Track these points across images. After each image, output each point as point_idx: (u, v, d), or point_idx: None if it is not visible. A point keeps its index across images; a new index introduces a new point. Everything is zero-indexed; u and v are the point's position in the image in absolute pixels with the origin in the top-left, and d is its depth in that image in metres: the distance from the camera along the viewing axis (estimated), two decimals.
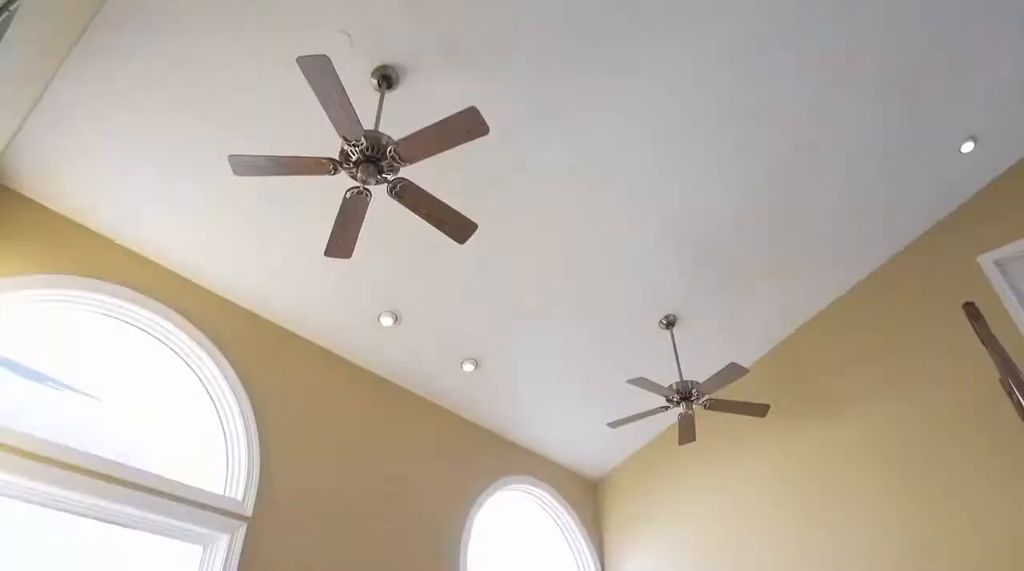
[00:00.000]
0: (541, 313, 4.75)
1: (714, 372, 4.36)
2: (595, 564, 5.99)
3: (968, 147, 4.54)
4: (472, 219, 3.17)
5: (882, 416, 4.83)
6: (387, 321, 4.51)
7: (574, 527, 6.03)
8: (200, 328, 4.01)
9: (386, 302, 4.44)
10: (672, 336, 4.95)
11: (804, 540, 4.89)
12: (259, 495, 3.83)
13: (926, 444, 4.56)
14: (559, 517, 6.02)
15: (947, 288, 4.83)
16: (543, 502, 5.97)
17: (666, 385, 4.37)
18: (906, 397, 4.77)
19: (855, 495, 4.75)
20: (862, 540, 4.60)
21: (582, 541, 6.02)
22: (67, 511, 3.22)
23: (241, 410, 4.00)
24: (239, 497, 3.76)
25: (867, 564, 4.53)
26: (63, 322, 3.62)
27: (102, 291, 3.68)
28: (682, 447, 5.92)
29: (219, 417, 3.99)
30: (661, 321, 4.95)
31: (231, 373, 4.05)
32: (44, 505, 3.16)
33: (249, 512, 3.74)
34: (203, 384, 4.01)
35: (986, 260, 4.74)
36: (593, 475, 6.47)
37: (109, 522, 3.35)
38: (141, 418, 3.70)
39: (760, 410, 4.47)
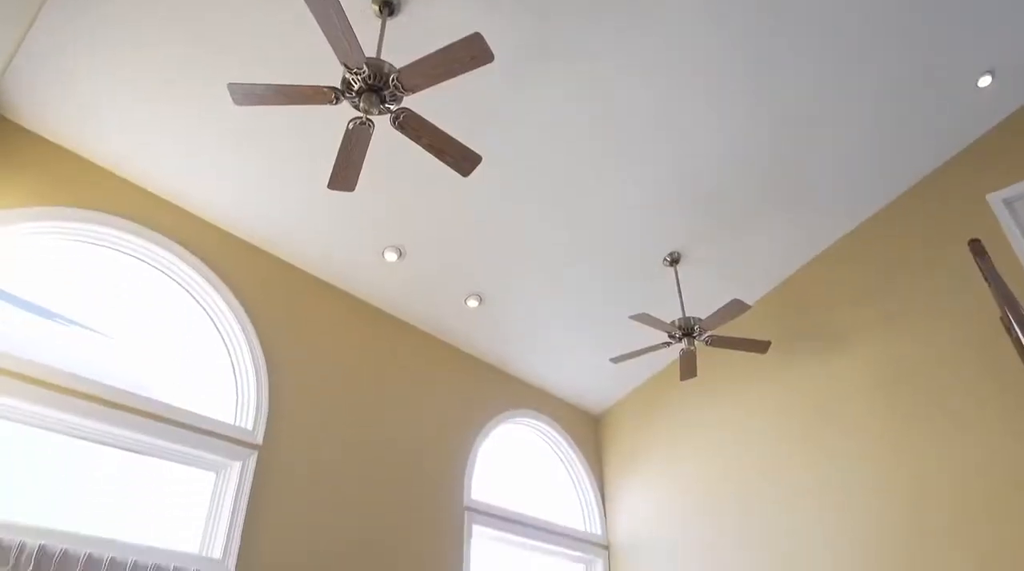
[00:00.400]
0: (545, 249, 4.75)
1: (716, 309, 4.38)
2: (596, 496, 6.17)
3: (985, 82, 4.42)
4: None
5: (883, 353, 4.88)
6: (391, 256, 4.52)
7: (576, 460, 6.19)
8: (205, 261, 4.02)
9: (390, 237, 4.44)
10: (676, 273, 4.95)
11: (804, 476, 5.01)
12: (268, 425, 3.92)
13: (927, 381, 4.62)
14: (561, 450, 6.17)
15: (954, 226, 4.79)
16: (546, 435, 6.11)
17: (669, 321, 4.40)
18: (907, 334, 4.80)
19: (855, 432, 4.84)
20: (862, 476, 4.71)
21: (583, 473, 6.19)
22: (83, 438, 3.32)
23: (248, 343, 4.05)
24: (249, 427, 3.86)
25: (867, 499, 4.66)
26: (68, 258, 3.63)
27: (104, 223, 3.68)
28: (683, 383, 6.01)
29: (227, 350, 4.05)
30: (665, 258, 4.95)
31: (238, 307, 4.09)
32: (60, 432, 3.25)
33: (259, 441, 3.84)
34: (210, 318, 4.05)
35: (995, 198, 4.68)
36: (595, 410, 6.60)
37: (125, 449, 3.45)
38: (150, 353, 3.75)
39: (761, 347, 4.51)
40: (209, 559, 3.45)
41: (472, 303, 5.01)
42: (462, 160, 3.10)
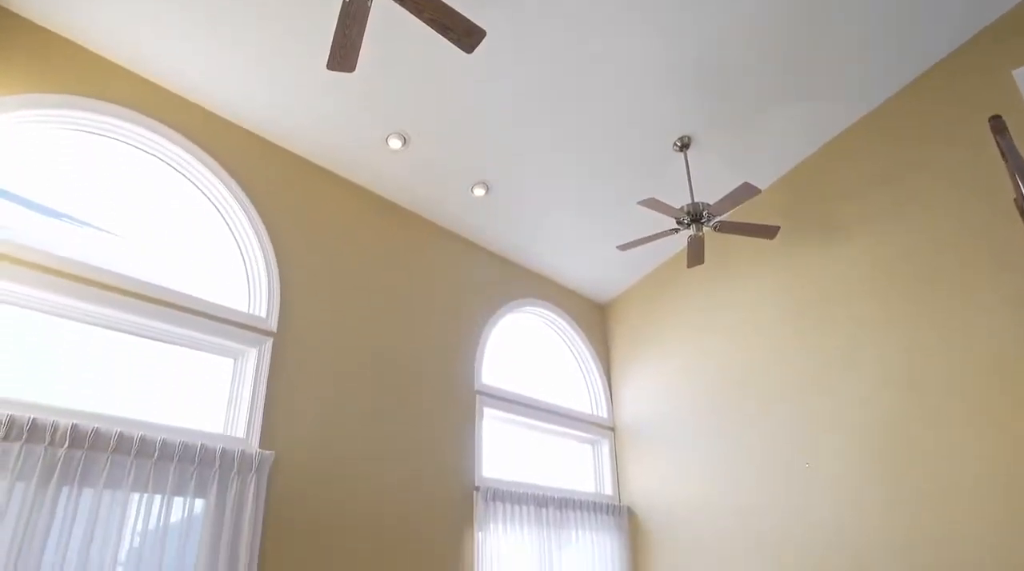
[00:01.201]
0: (553, 135, 4.64)
1: (726, 194, 4.32)
2: (602, 381, 6.37)
3: None
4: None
5: (890, 239, 4.85)
6: (395, 144, 4.43)
7: (583, 347, 6.34)
8: (208, 151, 3.96)
9: (393, 124, 4.33)
10: (686, 158, 4.86)
11: (808, 361, 5.13)
12: (281, 313, 4.00)
13: (932, 267, 4.62)
14: (568, 338, 6.31)
15: (975, 106, 4.62)
16: (553, 324, 6.23)
17: (677, 207, 4.36)
18: (917, 221, 4.75)
19: (861, 319, 4.90)
20: (865, 362, 4.81)
21: (590, 360, 6.35)
22: (102, 326, 3.40)
23: (256, 233, 4.06)
24: (263, 314, 3.94)
25: (872, 387, 4.78)
26: (69, 152, 3.57)
27: (103, 112, 3.59)
28: (690, 271, 6.05)
29: (235, 240, 4.06)
30: (675, 143, 4.84)
31: (243, 197, 4.06)
32: (80, 321, 3.33)
33: (273, 328, 3.93)
34: (216, 208, 4.04)
35: (1021, 74, 4.48)
36: (602, 299, 6.69)
37: (144, 336, 3.54)
38: (158, 249, 3.76)
39: (770, 232, 4.49)
40: (233, 438, 3.62)
41: (479, 192, 4.96)
42: (465, 35, 2.97)
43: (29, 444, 2.85)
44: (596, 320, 6.60)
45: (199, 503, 3.34)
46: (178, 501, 3.26)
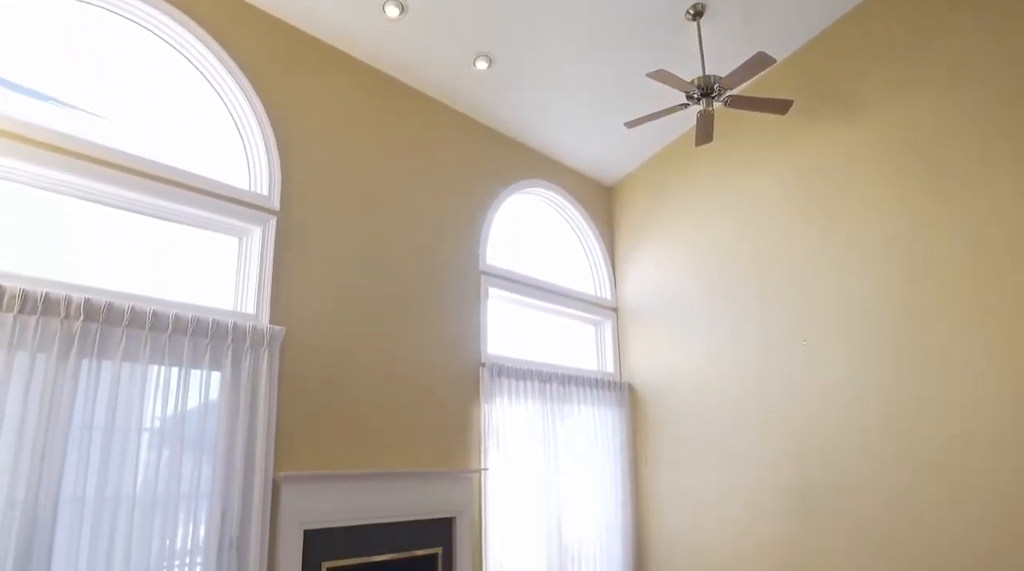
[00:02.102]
0: (558, 2, 4.38)
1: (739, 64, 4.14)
2: (606, 262, 6.41)
3: None
4: None
5: (908, 122, 4.69)
6: (392, 11, 4.20)
7: (587, 229, 6.33)
8: (199, 22, 3.77)
9: None
10: (698, 28, 4.62)
11: (814, 245, 5.11)
12: (283, 191, 3.97)
13: (950, 154, 4.49)
14: (573, 219, 6.29)
15: None
16: (558, 205, 6.18)
17: (688, 80, 4.20)
18: (936, 102, 4.57)
19: (870, 202, 4.82)
20: (873, 249, 4.78)
21: (594, 241, 6.36)
22: (106, 204, 3.38)
23: (253, 109, 3.95)
24: (264, 192, 3.91)
25: (878, 270, 4.79)
26: (50, 26, 3.40)
27: None
28: (697, 152, 5.92)
29: (231, 116, 3.96)
30: (688, 11, 4.58)
31: (237, 71, 3.92)
32: (81, 198, 3.31)
33: (276, 206, 3.91)
34: (209, 82, 3.90)
35: None
36: (608, 180, 6.60)
37: (147, 214, 3.53)
38: (154, 130, 3.67)
39: (782, 106, 4.35)
40: (243, 314, 3.70)
41: (481, 65, 4.77)
42: None
43: (45, 317, 2.92)
44: (602, 202, 6.55)
45: (215, 376, 3.46)
46: (195, 373, 3.38)
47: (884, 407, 4.58)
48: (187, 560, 3.21)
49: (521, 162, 5.74)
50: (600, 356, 6.25)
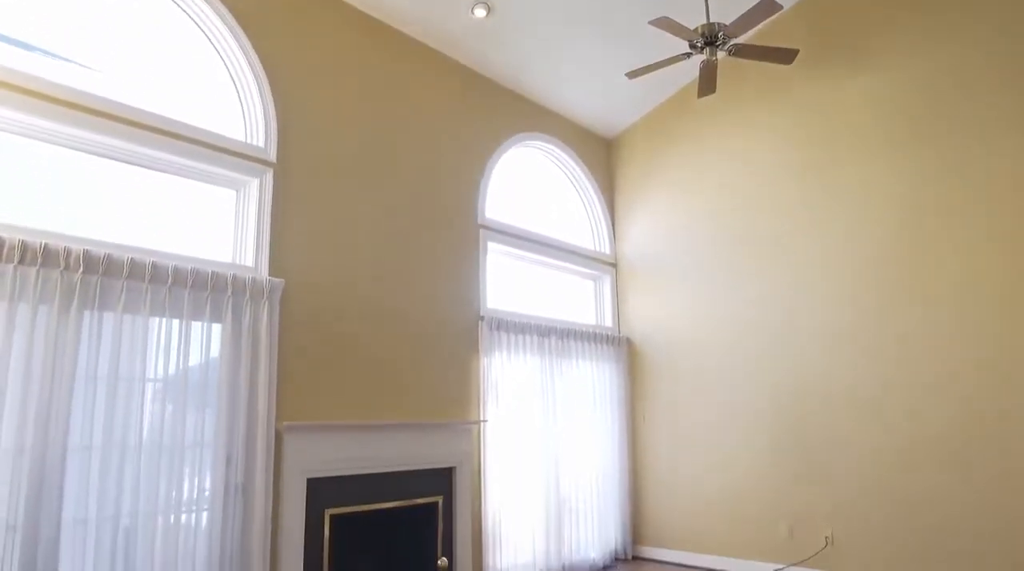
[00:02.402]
0: None
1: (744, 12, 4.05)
2: (606, 217, 6.38)
3: None
4: None
5: (915, 75, 4.63)
6: None
7: (587, 183, 6.28)
8: None
9: None
10: None
11: (816, 200, 5.10)
12: (279, 143, 3.93)
13: (957, 108, 4.45)
14: (573, 173, 6.24)
15: None
16: (558, 159, 6.13)
17: (691, 28, 4.11)
18: (944, 56, 4.51)
19: (873, 157, 4.81)
20: (876, 204, 4.79)
21: (594, 196, 6.33)
22: (102, 155, 3.35)
23: (248, 59, 3.88)
24: (260, 144, 3.87)
25: (879, 227, 4.78)
26: None
27: None
28: (699, 104, 5.84)
29: (226, 67, 3.89)
30: None
31: (232, 21, 3.83)
32: (75, 148, 3.28)
33: (272, 158, 3.88)
34: (205, 34, 3.82)
35: None
36: (608, 134, 6.52)
37: (142, 166, 3.50)
38: (147, 81, 3.60)
39: (787, 56, 4.26)
40: (242, 266, 3.71)
41: (479, 12, 4.66)
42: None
43: (45, 269, 2.92)
44: (602, 156, 6.49)
45: (216, 328, 3.49)
46: (196, 326, 3.40)
47: (873, 352, 4.64)
48: (195, 506, 3.29)
49: (521, 114, 5.67)
50: (599, 311, 6.29)
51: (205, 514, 3.31)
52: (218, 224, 3.78)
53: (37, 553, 2.77)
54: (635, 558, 5.77)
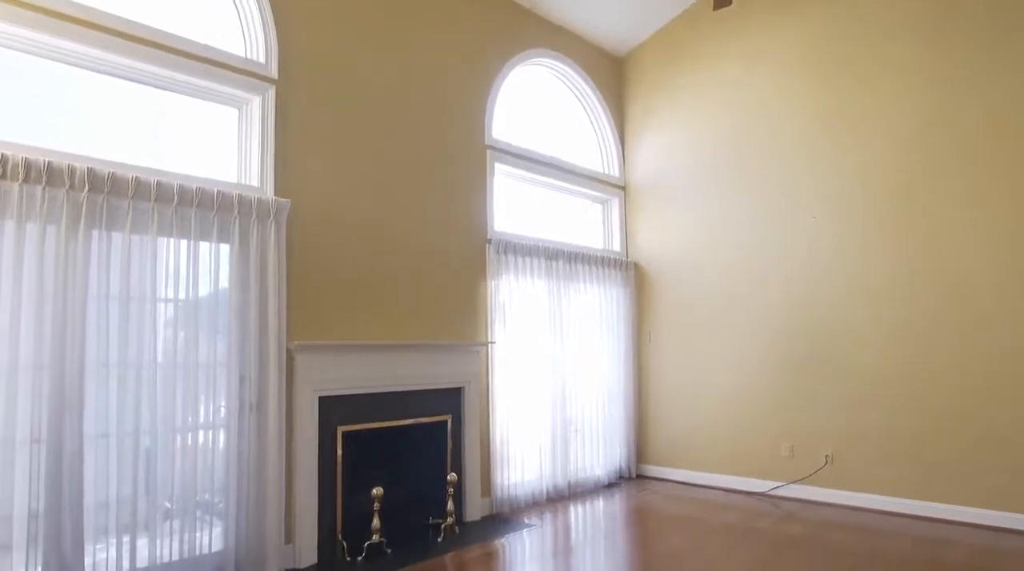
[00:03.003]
0: None
1: None
2: (615, 138, 6.26)
3: None
4: None
5: None
6: None
7: (597, 103, 6.13)
8: None
9: None
10: None
11: (830, 116, 4.97)
12: (280, 60, 3.82)
13: (976, 16, 4.26)
14: (582, 93, 6.07)
15: None
16: (567, 78, 5.95)
17: None
18: None
19: (889, 68, 4.66)
20: (893, 119, 4.66)
21: (604, 117, 6.18)
22: (99, 71, 3.27)
23: None
24: (261, 60, 3.76)
25: (894, 142, 4.67)
26: None
27: None
28: (713, 19, 5.62)
29: None
30: None
31: None
32: (74, 65, 3.20)
33: (274, 74, 3.78)
34: None
35: None
36: (619, 51, 6.31)
37: (141, 83, 3.43)
38: None
39: None
40: (248, 186, 3.68)
41: None
42: None
43: (51, 188, 2.90)
44: (612, 75, 6.30)
45: (224, 249, 3.49)
46: (204, 246, 3.40)
47: (876, 276, 4.63)
48: (211, 423, 3.39)
49: (529, 30, 5.47)
50: (607, 235, 6.26)
51: (222, 431, 3.40)
52: (222, 144, 3.72)
53: (62, 465, 2.87)
54: (639, 476, 5.95)
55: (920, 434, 4.46)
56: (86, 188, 2.98)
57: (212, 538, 3.35)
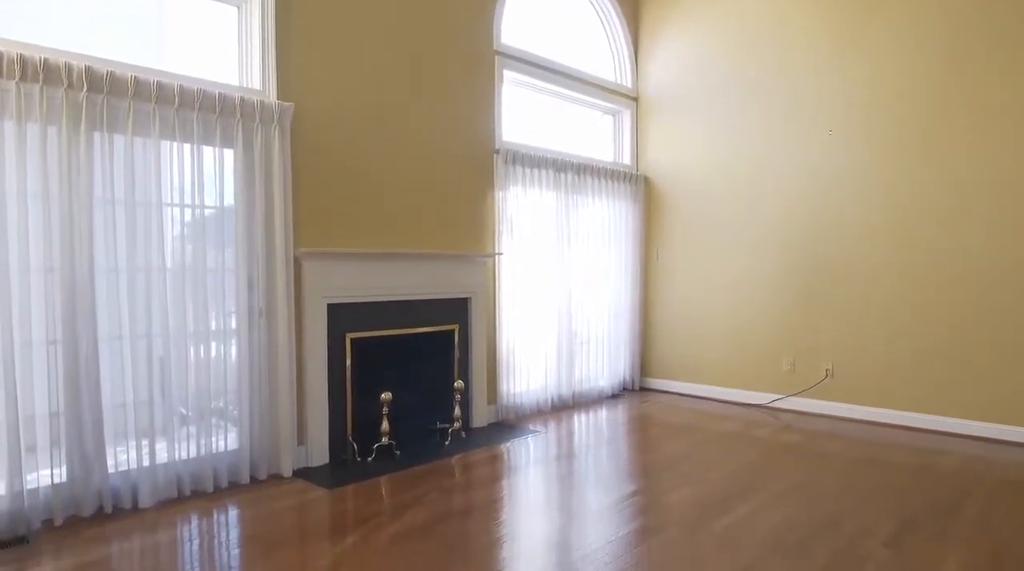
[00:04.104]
0: None
1: None
2: (629, 50, 6.02)
3: None
4: None
5: None
6: None
7: (611, 10, 5.86)
8: None
9: None
10: None
11: (847, 42, 4.75)
12: None
13: None
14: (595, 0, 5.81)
15: None
16: None
17: None
18: None
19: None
20: (909, 43, 4.45)
21: (618, 25, 5.93)
22: None
23: None
24: None
25: (911, 56, 4.48)
26: None
27: None
28: None
29: None
30: None
31: None
32: None
33: None
34: None
35: None
36: None
37: None
38: None
39: None
40: (250, 89, 3.58)
41: None
42: None
43: (49, 87, 2.83)
44: None
45: (228, 154, 3.44)
46: (208, 151, 3.35)
47: (884, 191, 4.56)
48: (223, 327, 3.44)
49: None
50: (617, 147, 6.13)
51: (233, 336, 3.46)
52: (222, 45, 3.60)
53: (79, 365, 2.94)
54: (642, 389, 6.08)
55: (921, 348, 4.50)
56: (84, 88, 2.90)
57: (227, 441, 3.47)
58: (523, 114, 5.26)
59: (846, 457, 3.88)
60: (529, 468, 3.71)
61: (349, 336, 3.93)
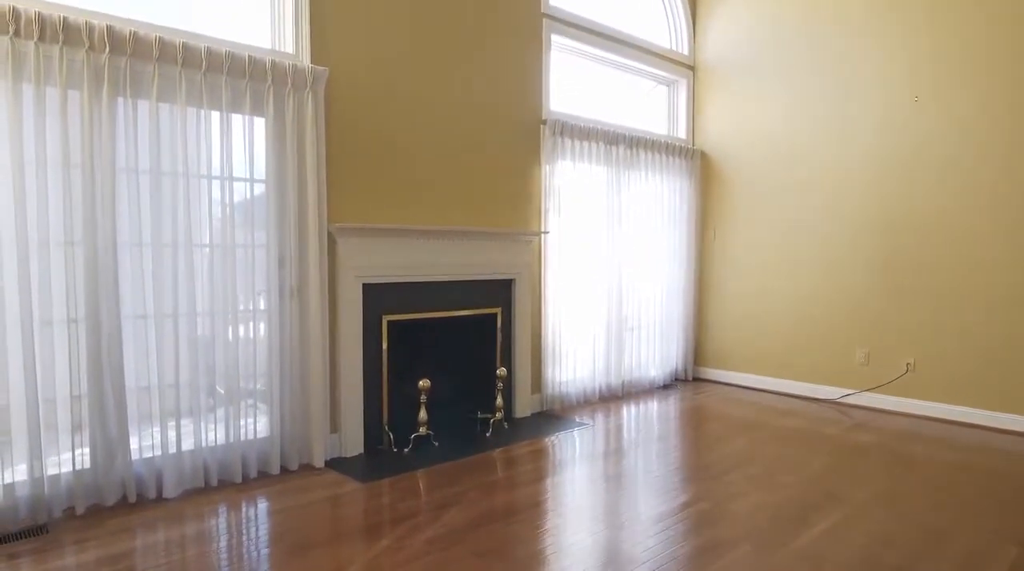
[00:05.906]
0: None
1: None
2: (686, 16, 5.60)
3: None
4: None
5: None
6: None
7: None
8: None
9: None
10: None
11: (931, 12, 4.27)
12: None
13: None
14: None
15: None
16: None
17: None
18: None
19: None
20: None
21: None
22: None
23: None
24: None
25: (996, 25, 3.98)
26: None
27: None
28: None
29: None
30: None
31: None
32: None
33: None
34: None
35: None
36: None
37: None
38: None
39: None
40: (283, 52, 3.34)
41: None
42: None
43: (69, 48, 2.64)
44: None
45: (259, 122, 3.21)
46: (236, 118, 3.12)
47: (971, 178, 4.08)
48: (253, 306, 3.24)
49: None
50: (672, 120, 5.73)
51: (263, 316, 3.26)
52: (254, 5, 3.36)
53: (101, 345, 2.77)
54: (696, 379, 5.73)
55: (1018, 341, 4.04)
56: (107, 49, 2.70)
57: (258, 427, 3.28)
58: (572, 83, 4.91)
59: (936, 462, 3.48)
60: (576, 465, 3.43)
61: (386, 318, 3.69)
